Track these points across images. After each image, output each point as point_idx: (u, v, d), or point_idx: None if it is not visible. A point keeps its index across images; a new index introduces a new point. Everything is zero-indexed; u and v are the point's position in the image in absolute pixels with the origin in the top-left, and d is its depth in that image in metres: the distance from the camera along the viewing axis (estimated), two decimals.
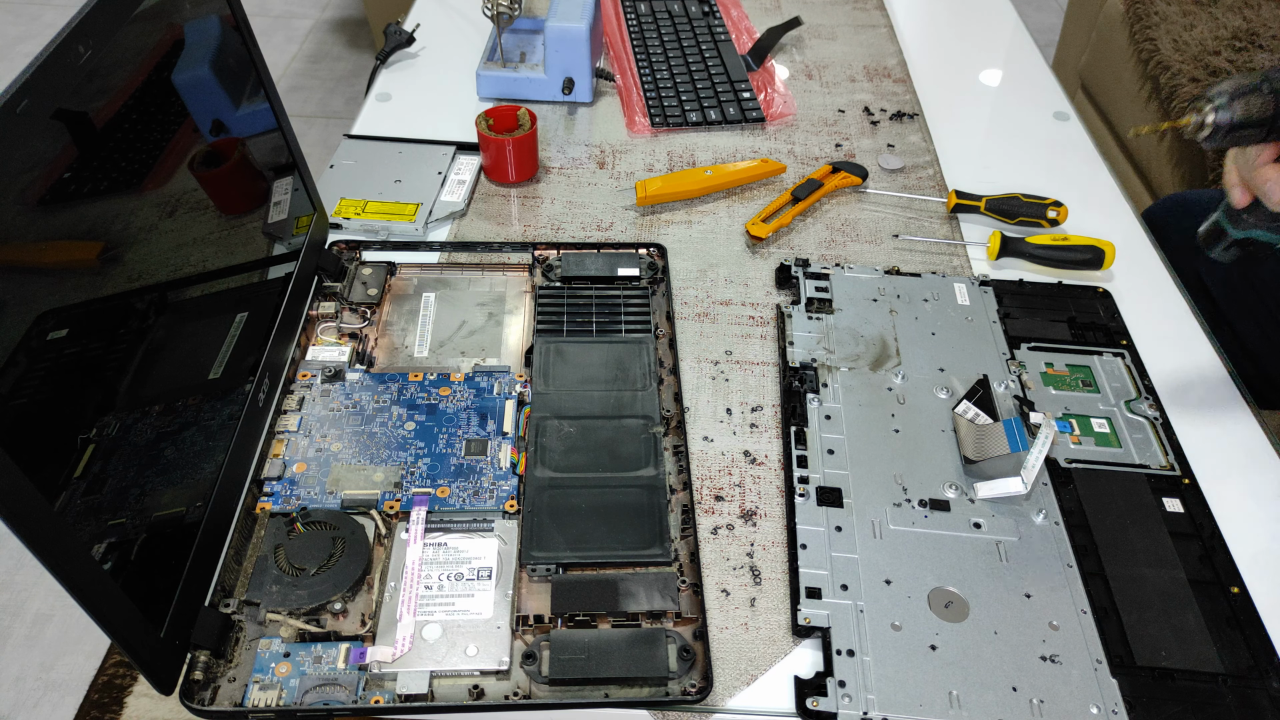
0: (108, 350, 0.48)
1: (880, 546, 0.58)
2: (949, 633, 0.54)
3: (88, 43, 0.46)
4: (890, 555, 0.58)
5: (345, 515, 0.57)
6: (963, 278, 0.78)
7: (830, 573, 0.57)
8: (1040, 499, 0.61)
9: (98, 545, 0.44)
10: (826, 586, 0.56)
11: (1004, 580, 0.56)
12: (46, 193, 0.44)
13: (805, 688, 0.52)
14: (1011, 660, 0.53)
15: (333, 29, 2.69)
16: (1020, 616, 0.55)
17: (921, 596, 0.56)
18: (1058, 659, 0.53)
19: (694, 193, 0.86)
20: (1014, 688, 0.52)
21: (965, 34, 1.17)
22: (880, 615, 0.55)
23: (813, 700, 0.51)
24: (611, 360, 0.68)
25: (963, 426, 0.65)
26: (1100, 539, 0.59)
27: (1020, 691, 0.51)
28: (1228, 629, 0.55)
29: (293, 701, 0.50)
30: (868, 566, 0.57)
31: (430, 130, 0.93)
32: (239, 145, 0.64)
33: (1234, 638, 0.54)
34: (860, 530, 0.59)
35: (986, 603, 0.55)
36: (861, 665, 0.52)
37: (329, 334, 0.71)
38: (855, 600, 0.55)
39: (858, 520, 0.59)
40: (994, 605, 0.55)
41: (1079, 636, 0.54)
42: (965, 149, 0.95)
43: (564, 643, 0.52)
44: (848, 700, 0.51)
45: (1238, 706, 0.51)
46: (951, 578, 0.57)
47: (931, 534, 0.59)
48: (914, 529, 0.59)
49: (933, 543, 0.58)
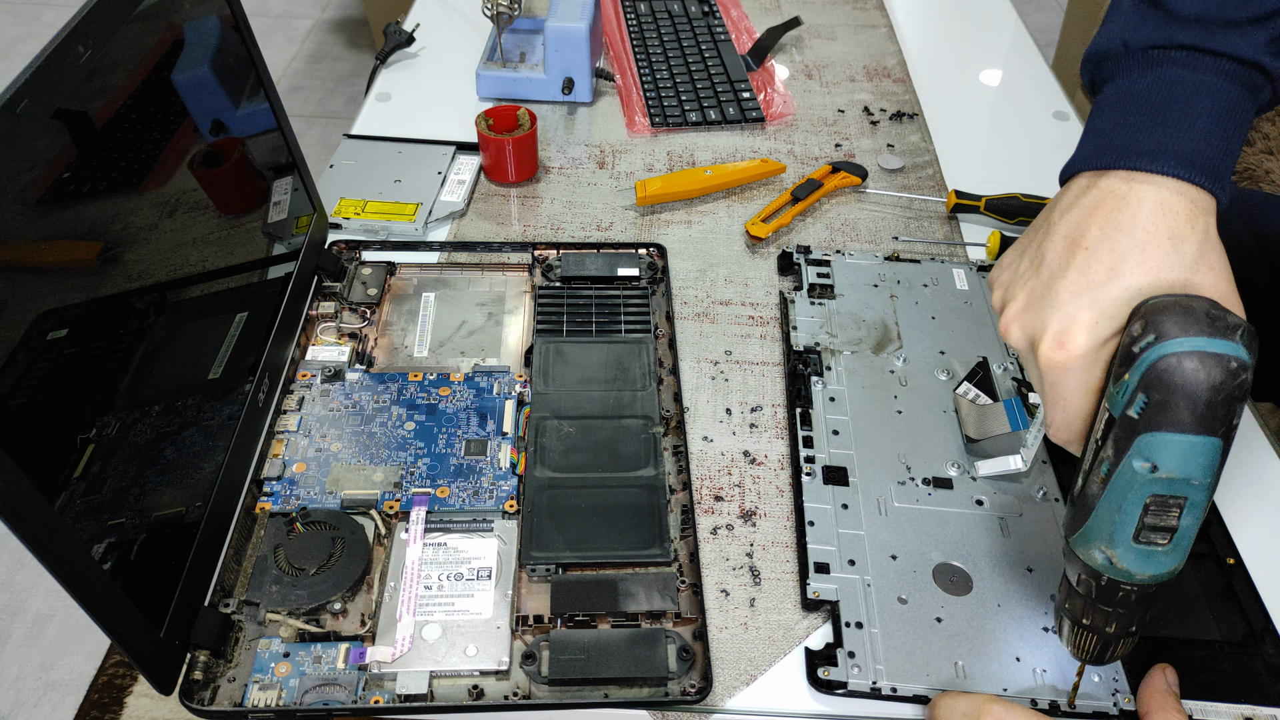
0: (107, 350, 0.48)
1: (885, 523, 0.59)
2: (954, 606, 0.55)
3: (88, 43, 0.46)
4: (895, 531, 0.59)
5: (345, 515, 0.57)
6: (961, 263, 0.79)
7: (838, 549, 0.58)
8: (1039, 476, 0.62)
9: (97, 545, 0.44)
10: (834, 562, 0.57)
11: (1006, 555, 0.58)
12: (46, 193, 0.44)
13: (816, 658, 0.53)
14: (1015, 631, 0.54)
15: (333, 29, 2.69)
16: (1022, 589, 0.56)
17: (926, 571, 0.57)
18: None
19: (694, 193, 0.86)
20: (1017, 658, 0.53)
21: (965, 34, 1.17)
22: (887, 589, 0.56)
23: (824, 670, 0.52)
24: (611, 360, 0.68)
25: (964, 407, 0.66)
26: None
27: (1024, 661, 0.53)
28: (1224, 599, 0.56)
29: (292, 701, 0.50)
30: (874, 542, 0.58)
31: (430, 130, 0.93)
32: (239, 145, 0.64)
33: (1230, 607, 0.56)
34: (866, 508, 0.60)
35: (989, 576, 0.57)
36: (869, 637, 0.54)
37: (329, 334, 0.71)
38: (862, 575, 0.57)
39: (863, 498, 0.61)
40: (997, 579, 0.56)
41: None
42: (965, 149, 0.95)
43: (563, 643, 0.52)
44: (857, 670, 0.52)
45: (1234, 673, 0.52)
46: (955, 553, 0.58)
47: (935, 511, 0.60)
48: (918, 506, 0.60)
49: (936, 519, 0.60)
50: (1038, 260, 0.49)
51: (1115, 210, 0.46)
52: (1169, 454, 0.40)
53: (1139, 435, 0.41)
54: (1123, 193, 0.47)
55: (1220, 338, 0.40)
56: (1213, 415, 0.40)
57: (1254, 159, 1.45)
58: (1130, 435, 0.41)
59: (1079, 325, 0.45)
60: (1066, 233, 0.48)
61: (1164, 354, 0.40)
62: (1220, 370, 0.40)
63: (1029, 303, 0.48)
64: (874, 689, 0.51)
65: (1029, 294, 0.48)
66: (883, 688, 0.51)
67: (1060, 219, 0.49)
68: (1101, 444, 0.43)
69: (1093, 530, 0.44)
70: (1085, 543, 0.45)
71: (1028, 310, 0.48)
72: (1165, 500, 0.42)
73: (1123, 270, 0.45)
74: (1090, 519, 0.44)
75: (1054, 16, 2.63)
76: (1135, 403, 0.41)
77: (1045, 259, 0.48)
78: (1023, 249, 0.51)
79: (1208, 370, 0.39)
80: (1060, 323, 0.46)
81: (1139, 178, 0.46)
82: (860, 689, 0.51)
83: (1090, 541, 0.44)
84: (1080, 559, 0.45)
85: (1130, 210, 0.46)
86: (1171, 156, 0.46)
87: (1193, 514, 0.42)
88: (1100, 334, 0.45)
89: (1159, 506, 0.42)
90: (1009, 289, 0.50)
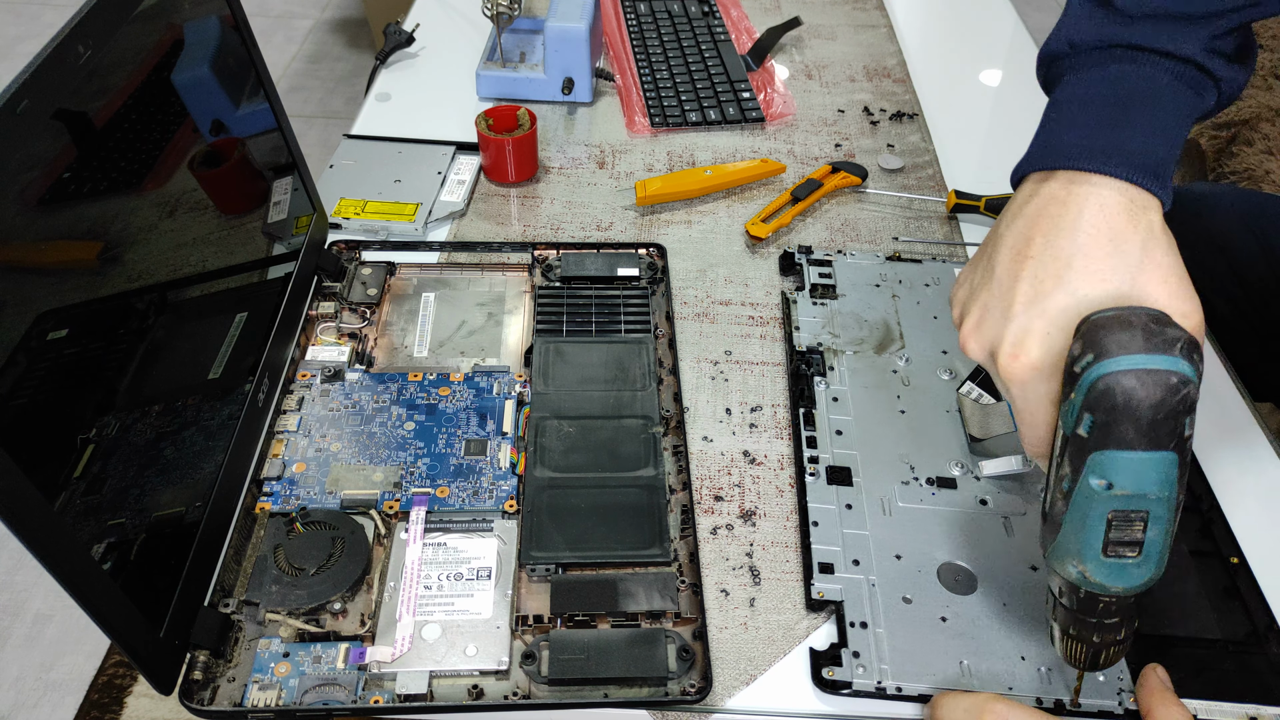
0: (107, 350, 0.48)
1: (890, 523, 0.59)
2: (959, 605, 0.55)
3: (88, 43, 0.46)
4: (900, 531, 0.59)
5: (345, 515, 0.57)
6: (963, 263, 0.79)
7: (842, 549, 0.58)
8: (1044, 475, 0.61)
9: (97, 545, 0.44)
10: (839, 562, 0.57)
11: (1010, 554, 0.58)
12: (46, 193, 0.44)
13: (820, 659, 0.53)
14: (1020, 630, 0.54)
15: (333, 29, 2.69)
16: (1027, 588, 0.56)
17: (931, 570, 0.57)
18: None
19: (694, 193, 0.86)
20: (1022, 656, 0.53)
21: (965, 34, 1.17)
22: (891, 589, 0.56)
23: (828, 670, 0.52)
24: (611, 360, 0.68)
25: (967, 406, 0.66)
26: None
27: (1028, 660, 0.53)
28: (1227, 598, 0.56)
29: (292, 701, 0.50)
30: (878, 542, 0.58)
31: (430, 130, 0.93)
32: (239, 145, 0.64)
33: (1233, 606, 0.56)
34: (870, 508, 0.60)
35: (994, 576, 0.57)
36: (874, 637, 0.54)
37: (328, 334, 0.71)
38: (867, 575, 0.56)
39: (867, 498, 0.61)
40: (1002, 578, 0.56)
41: None
42: (965, 149, 0.95)
43: (563, 643, 0.52)
44: (862, 670, 0.52)
45: (1238, 672, 0.52)
46: (960, 552, 0.58)
47: (939, 510, 0.60)
48: (922, 506, 0.60)
49: (941, 519, 0.60)
50: (989, 272, 0.49)
51: (1057, 216, 0.46)
52: (1121, 471, 0.40)
53: (1090, 454, 0.41)
54: (1063, 197, 0.46)
55: (1159, 353, 0.39)
56: (1158, 431, 0.39)
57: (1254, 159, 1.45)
58: (1082, 453, 0.41)
59: (1032, 336, 0.45)
60: (1012, 243, 0.48)
61: (1103, 373, 0.40)
62: (1160, 387, 0.39)
63: (983, 315, 0.48)
64: (879, 688, 0.51)
65: (982, 307, 0.48)
66: (888, 687, 0.51)
67: (1007, 230, 0.49)
68: (1060, 460, 0.43)
69: (1062, 546, 0.44)
70: (1059, 558, 0.45)
71: (983, 323, 0.48)
72: (1127, 515, 0.41)
73: (1067, 278, 0.45)
74: (1059, 535, 0.44)
75: (1054, 17, 2.62)
76: (1083, 422, 0.41)
77: (995, 271, 0.48)
78: (976, 263, 0.51)
79: (1147, 388, 0.39)
80: (1014, 334, 0.46)
81: (1079, 179, 0.46)
82: (865, 689, 0.51)
83: (1063, 557, 0.44)
84: (1058, 573, 0.45)
85: (1071, 215, 0.46)
86: (1111, 155, 0.46)
87: (1158, 525, 0.41)
88: (1053, 345, 0.45)
89: (1121, 521, 0.41)
90: (965, 304, 0.50)
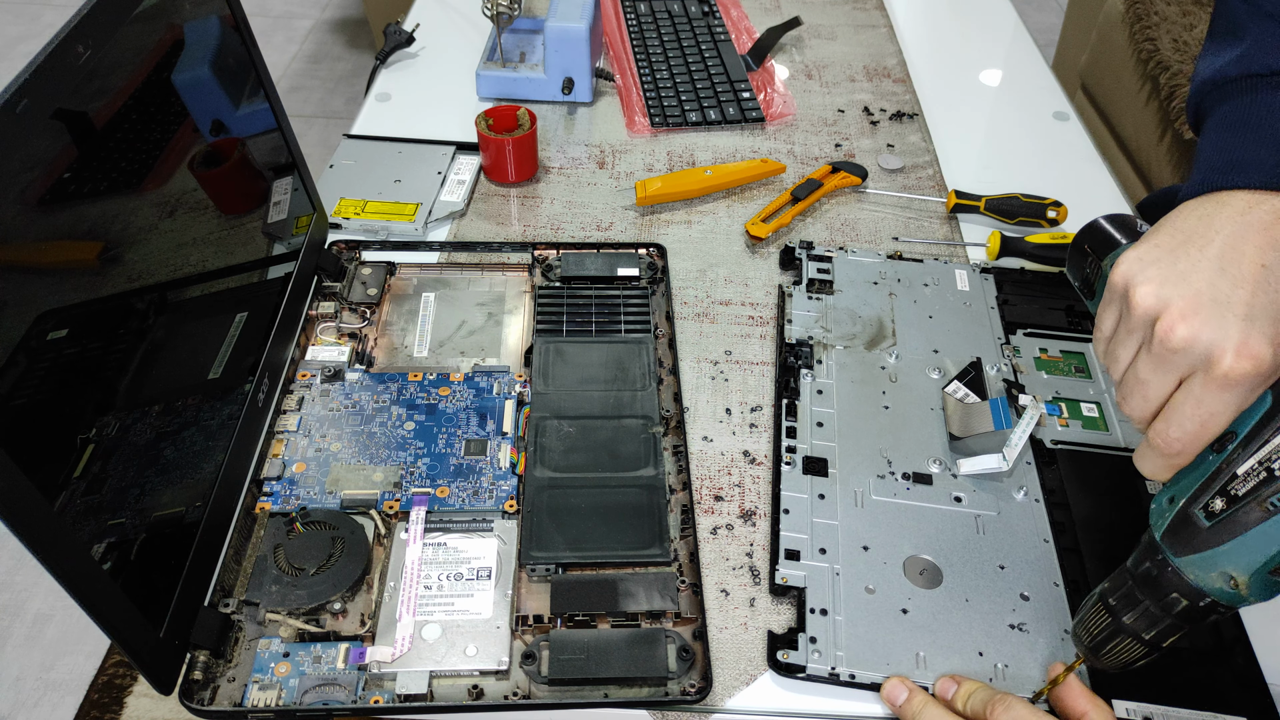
0: (107, 350, 0.48)
1: (861, 515, 0.60)
2: (921, 598, 0.55)
3: (87, 43, 0.46)
4: (870, 523, 0.59)
5: (345, 515, 0.57)
6: (964, 264, 0.79)
7: (810, 536, 0.58)
8: (1022, 476, 0.62)
9: (97, 545, 0.44)
10: (805, 549, 0.58)
11: (979, 552, 0.58)
12: (46, 193, 0.44)
13: (777, 642, 0.53)
14: (980, 626, 0.54)
15: (333, 29, 2.69)
16: (992, 586, 0.56)
17: (897, 563, 0.57)
18: (1025, 627, 0.54)
19: (694, 193, 0.86)
20: (980, 652, 0.53)
21: (965, 34, 1.17)
22: (855, 579, 0.56)
23: (783, 653, 0.53)
24: (611, 360, 0.68)
25: (950, 405, 0.66)
26: (1079, 516, 0.60)
27: (986, 656, 0.53)
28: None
29: (292, 701, 0.50)
30: (847, 533, 0.59)
31: (430, 130, 0.93)
32: (239, 145, 0.64)
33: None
34: (843, 499, 0.60)
35: (960, 572, 0.57)
36: (833, 624, 0.54)
37: (328, 334, 0.71)
38: (832, 564, 0.57)
39: (841, 489, 0.61)
40: (968, 574, 0.57)
41: (1049, 607, 0.55)
42: (965, 149, 0.95)
43: (563, 643, 0.52)
44: (817, 655, 0.53)
45: (1202, 681, 0.52)
46: (928, 547, 0.58)
47: (912, 505, 0.60)
48: (895, 500, 0.61)
49: (913, 514, 0.60)
50: (1202, 266, 0.46)
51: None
52: None
53: None
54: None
55: None
56: None
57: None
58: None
59: (1266, 339, 0.43)
60: (1238, 246, 0.46)
61: None
62: None
63: (1198, 305, 0.45)
64: (832, 674, 0.52)
65: (1196, 296, 0.45)
66: (841, 674, 0.52)
67: (1229, 232, 0.47)
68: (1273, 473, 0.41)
69: (1225, 556, 0.41)
70: (1207, 565, 0.42)
71: (1198, 313, 0.45)
72: None
73: None
74: (1229, 544, 0.41)
75: (1054, 16, 2.63)
76: None
77: (1219, 267, 0.46)
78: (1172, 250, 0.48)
79: None
80: (1243, 335, 0.43)
81: None
82: (819, 673, 0.52)
83: (1215, 565, 0.42)
84: (1187, 580, 0.43)
85: None
86: None
87: None
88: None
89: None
90: (1164, 285, 0.47)
